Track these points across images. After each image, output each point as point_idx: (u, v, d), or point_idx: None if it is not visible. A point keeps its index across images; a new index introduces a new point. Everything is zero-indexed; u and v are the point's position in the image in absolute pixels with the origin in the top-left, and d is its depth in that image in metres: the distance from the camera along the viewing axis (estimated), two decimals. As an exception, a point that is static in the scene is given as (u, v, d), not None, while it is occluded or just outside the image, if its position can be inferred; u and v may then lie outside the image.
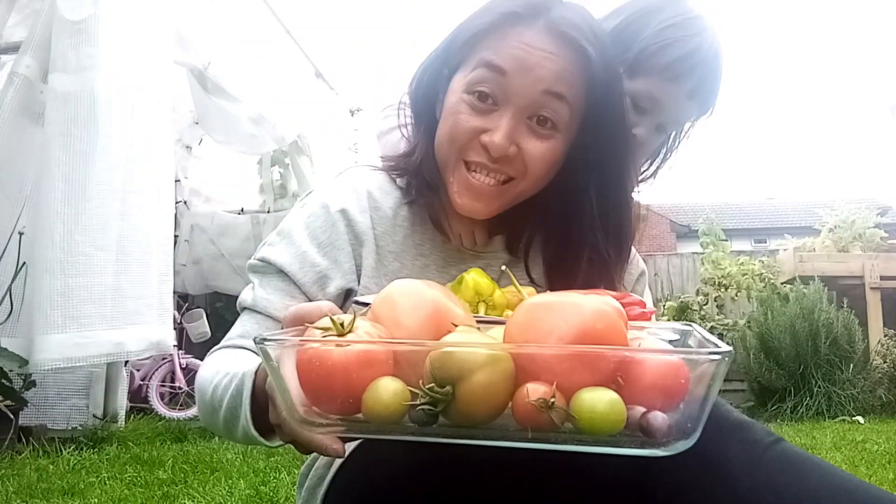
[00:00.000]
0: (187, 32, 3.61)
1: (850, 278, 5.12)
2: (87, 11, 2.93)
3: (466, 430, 0.60)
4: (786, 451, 0.72)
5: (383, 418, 0.58)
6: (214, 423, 0.86)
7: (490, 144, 0.88)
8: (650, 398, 0.57)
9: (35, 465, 2.65)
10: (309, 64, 5.28)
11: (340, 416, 0.62)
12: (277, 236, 0.99)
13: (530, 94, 0.88)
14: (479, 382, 0.57)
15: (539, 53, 0.88)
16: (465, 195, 0.92)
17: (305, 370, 0.60)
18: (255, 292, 0.99)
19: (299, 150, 4.50)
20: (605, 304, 0.63)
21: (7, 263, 2.91)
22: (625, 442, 0.57)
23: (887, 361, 4.77)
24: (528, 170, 0.91)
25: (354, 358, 0.59)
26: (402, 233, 0.99)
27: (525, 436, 0.58)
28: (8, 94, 2.91)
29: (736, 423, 0.75)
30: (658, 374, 0.57)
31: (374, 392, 0.59)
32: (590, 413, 0.55)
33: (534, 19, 0.89)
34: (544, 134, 0.90)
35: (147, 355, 3.81)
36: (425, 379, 0.59)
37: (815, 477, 0.69)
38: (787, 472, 0.69)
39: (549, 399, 0.55)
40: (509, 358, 0.58)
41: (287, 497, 2.17)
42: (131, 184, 3.03)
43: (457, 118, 0.91)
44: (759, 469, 0.70)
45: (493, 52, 0.89)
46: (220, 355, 0.94)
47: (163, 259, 3.23)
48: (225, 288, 5.23)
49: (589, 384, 0.57)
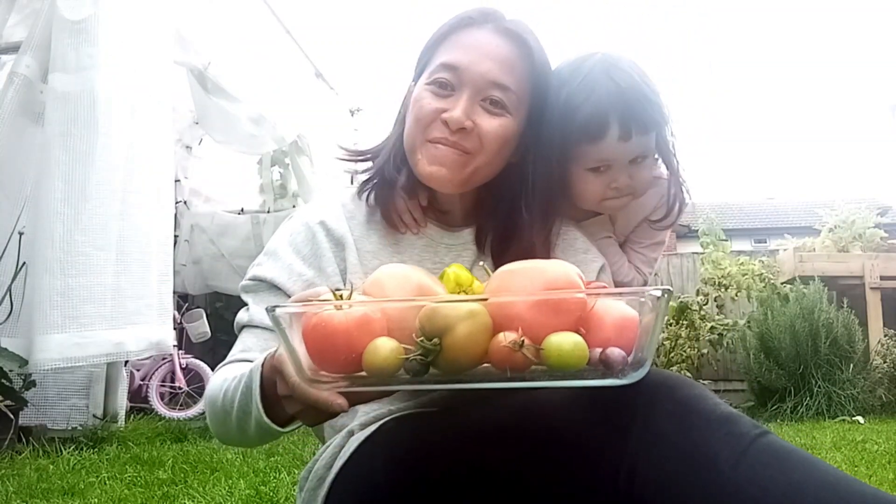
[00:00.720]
0: (187, 32, 3.61)
1: (850, 278, 5.12)
2: (87, 11, 2.93)
3: (453, 376, 0.69)
4: (771, 444, 0.72)
5: (382, 371, 0.67)
6: (227, 428, 0.92)
7: (449, 119, 1.01)
8: (607, 344, 0.67)
9: (35, 465, 2.65)
10: (309, 64, 5.28)
11: (343, 374, 0.71)
12: (264, 256, 1.11)
13: (481, 81, 1.02)
14: (461, 333, 0.66)
15: (487, 47, 1.03)
16: (432, 163, 1.04)
17: (312, 335, 0.69)
18: (250, 311, 1.08)
19: (299, 150, 4.50)
20: (565, 267, 0.76)
21: (7, 263, 2.91)
22: (588, 375, 0.67)
23: (887, 361, 4.77)
24: (483, 143, 1.03)
25: (354, 322, 0.68)
26: (376, 234, 1.10)
27: (504, 376, 0.67)
28: (8, 94, 2.92)
29: (722, 417, 0.75)
30: (614, 324, 0.69)
31: (372, 349, 0.68)
32: (557, 351, 0.65)
33: (484, 22, 1.05)
34: (496, 112, 1.03)
35: (147, 355, 3.81)
36: (416, 334, 0.68)
37: (799, 470, 0.69)
38: (772, 465, 0.70)
39: (519, 340, 0.65)
40: (486, 312, 0.68)
41: (287, 497, 2.17)
42: (131, 184, 3.03)
43: (420, 104, 1.04)
44: (743, 463, 0.70)
45: (449, 54, 1.04)
46: (226, 369, 1.00)
47: (163, 259, 3.23)
48: (225, 288, 5.24)
49: (555, 329, 0.67)
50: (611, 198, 1.16)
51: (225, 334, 5.46)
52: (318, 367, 0.71)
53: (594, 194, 1.16)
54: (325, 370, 0.71)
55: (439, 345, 0.66)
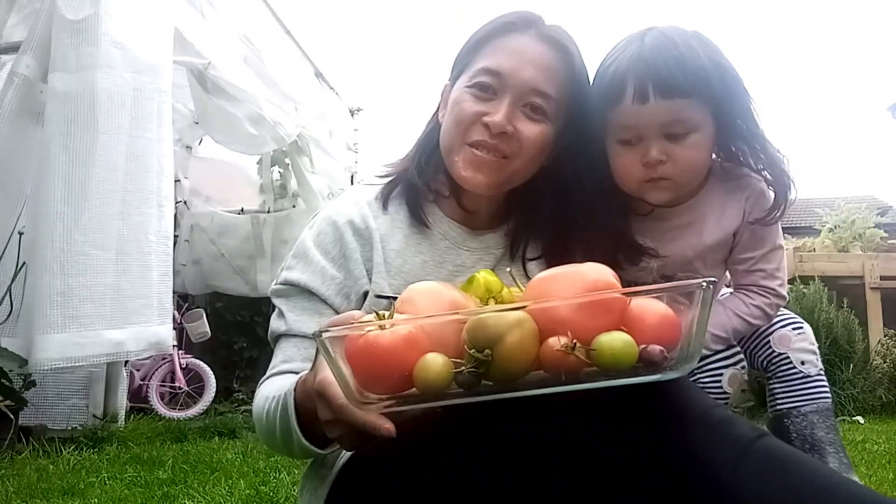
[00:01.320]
0: (187, 32, 3.61)
1: (850, 278, 5.12)
2: (87, 11, 2.93)
3: (508, 385, 0.69)
4: (770, 447, 0.72)
5: (435, 387, 0.67)
6: (275, 444, 0.94)
7: (491, 123, 1.02)
8: (650, 342, 0.68)
9: (35, 465, 2.65)
10: (309, 64, 5.28)
11: (389, 394, 0.70)
12: (294, 259, 1.09)
13: (524, 88, 1.03)
14: (512, 342, 0.66)
15: (530, 54, 1.04)
16: (468, 168, 1.04)
17: (359, 356, 0.69)
18: (285, 318, 1.05)
19: (299, 150, 4.50)
20: (601, 269, 0.76)
21: (7, 263, 2.91)
22: (639, 372, 0.67)
23: (887, 361, 4.76)
24: (522, 148, 1.04)
25: (402, 340, 0.69)
26: (400, 233, 1.10)
27: (559, 380, 0.67)
28: (8, 94, 2.91)
29: (721, 419, 0.75)
30: (653, 323, 0.70)
31: (423, 366, 0.67)
32: (610, 350, 0.66)
33: (526, 28, 1.06)
34: (536, 118, 1.04)
35: (147, 355, 3.81)
36: (466, 346, 0.68)
37: (796, 474, 0.69)
38: (769, 468, 0.70)
39: (571, 342, 0.66)
40: (532, 319, 0.68)
41: (287, 497, 2.17)
42: (131, 184, 3.03)
43: (461, 106, 1.05)
44: (741, 466, 0.70)
45: (491, 58, 1.04)
46: (268, 384, 1.01)
47: (163, 259, 3.23)
48: (225, 288, 5.23)
49: (601, 330, 0.67)
50: (650, 179, 1.08)
51: (225, 334, 5.47)
52: (365, 389, 0.70)
53: (628, 171, 1.09)
54: (373, 391, 0.70)
55: (490, 355, 0.66)
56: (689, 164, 1.08)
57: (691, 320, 0.68)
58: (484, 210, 1.14)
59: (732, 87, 1.07)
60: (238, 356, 5.47)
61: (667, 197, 1.11)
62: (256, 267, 5.08)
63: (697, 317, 0.67)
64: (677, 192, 1.12)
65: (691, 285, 0.68)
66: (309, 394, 0.80)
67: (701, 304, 0.67)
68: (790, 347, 1.25)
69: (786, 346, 1.25)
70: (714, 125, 1.08)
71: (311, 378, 0.80)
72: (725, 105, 1.07)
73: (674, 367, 0.68)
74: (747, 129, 1.10)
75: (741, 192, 1.16)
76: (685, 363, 0.69)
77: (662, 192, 1.10)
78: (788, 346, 1.25)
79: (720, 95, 1.06)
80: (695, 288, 0.67)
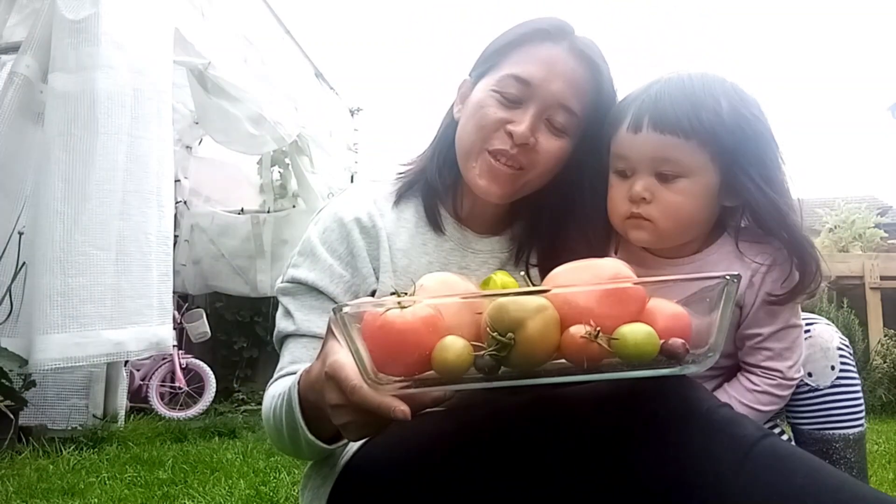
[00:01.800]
0: (187, 32, 3.61)
1: (850, 278, 5.12)
2: (87, 11, 2.93)
3: (527, 372, 0.68)
4: (774, 447, 0.72)
5: (454, 370, 0.66)
6: (284, 445, 0.93)
7: (515, 132, 1.00)
8: (663, 335, 0.67)
9: (35, 465, 2.65)
10: (309, 64, 5.28)
11: (405, 376, 0.69)
12: (300, 257, 1.06)
13: (550, 102, 1.02)
14: (534, 328, 0.65)
15: (561, 67, 1.02)
16: (484, 177, 1.03)
17: (377, 335, 0.68)
18: (293, 318, 1.03)
19: (299, 150, 4.50)
20: (618, 263, 0.78)
21: (7, 263, 2.91)
22: (660, 365, 0.67)
23: (887, 361, 4.76)
24: (540, 161, 1.03)
25: (421, 321, 0.67)
26: (406, 233, 1.08)
27: (580, 369, 0.67)
28: (8, 94, 2.91)
29: (725, 419, 0.75)
30: (667, 318, 0.69)
31: (442, 348, 0.66)
32: (633, 341, 0.65)
33: (560, 38, 1.03)
34: (557, 133, 1.03)
35: (147, 355, 3.81)
36: (483, 331, 0.67)
37: (801, 474, 0.69)
38: (774, 469, 0.70)
39: (595, 329, 0.65)
40: (553, 307, 0.67)
41: (287, 497, 2.17)
42: (131, 184, 3.03)
43: (485, 111, 1.03)
44: (746, 466, 0.70)
45: (521, 66, 1.02)
46: (276, 385, 0.99)
47: (163, 259, 3.23)
48: (225, 288, 5.23)
49: (622, 321, 0.67)
50: (631, 216, 1.02)
51: (225, 334, 5.47)
52: (381, 370, 0.69)
53: (616, 204, 1.04)
54: (389, 372, 0.69)
55: (514, 339, 0.65)
56: (672, 210, 1.00)
57: (714, 315, 0.68)
58: (490, 213, 1.13)
59: (750, 139, 0.98)
60: (238, 356, 5.47)
61: (645, 238, 1.03)
62: (256, 267, 5.08)
63: (720, 312, 0.67)
64: (658, 237, 1.03)
65: (715, 278, 0.67)
66: (313, 384, 0.79)
67: (724, 299, 0.67)
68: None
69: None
70: (719, 177, 1.00)
71: (316, 367, 0.78)
72: (737, 158, 0.98)
73: (695, 361, 0.68)
74: (763, 192, 0.99)
75: (756, 260, 1.04)
76: (706, 358, 0.69)
77: (641, 233, 1.03)
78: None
79: (730, 146, 0.97)
80: (719, 281, 0.67)
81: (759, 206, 1.00)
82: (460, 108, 1.10)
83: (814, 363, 1.12)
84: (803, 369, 1.10)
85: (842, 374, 1.12)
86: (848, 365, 1.13)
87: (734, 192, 1.01)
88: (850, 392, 1.12)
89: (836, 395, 1.12)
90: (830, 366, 1.12)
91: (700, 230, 1.06)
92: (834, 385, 1.12)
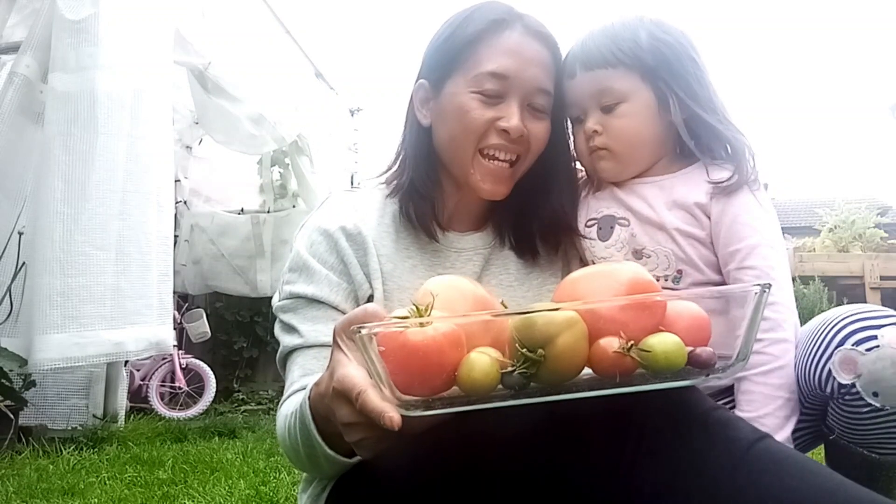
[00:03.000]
0: (187, 32, 3.61)
1: (850, 278, 5.12)
2: (87, 11, 2.93)
3: (558, 387, 0.66)
4: (769, 449, 0.72)
5: (483, 388, 0.64)
6: (303, 465, 0.90)
7: (509, 128, 1.02)
8: (689, 341, 0.67)
9: (35, 465, 2.65)
10: (309, 64, 5.28)
11: (431, 396, 0.66)
12: (293, 273, 1.04)
13: (529, 89, 1.04)
14: (565, 343, 0.64)
15: (529, 53, 1.04)
16: (487, 181, 1.05)
17: (399, 356, 0.64)
18: (299, 331, 1.00)
19: (299, 150, 4.50)
20: (635, 267, 0.76)
21: (7, 263, 2.91)
22: (690, 375, 0.67)
23: (887, 361, 4.76)
24: (532, 147, 1.06)
25: (445, 338, 0.64)
26: (389, 238, 1.08)
27: (612, 382, 0.65)
28: (8, 94, 2.91)
29: (720, 421, 0.75)
30: (687, 325, 0.69)
31: (469, 366, 0.64)
32: (664, 352, 0.65)
33: (515, 23, 1.05)
34: (540, 116, 1.07)
35: (147, 355, 3.81)
36: (510, 348, 0.65)
37: (796, 477, 0.69)
38: (768, 471, 0.69)
39: (627, 343, 0.64)
40: (582, 320, 0.66)
41: (287, 497, 2.17)
42: (131, 184, 3.03)
43: (471, 114, 1.03)
44: (741, 469, 0.70)
45: (492, 60, 1.03)
46: (289, 402, 0.96)
47: (163, 259, 3.23)
48: (225, 288, 5.23)
49: (648, 331, 0.66)
50: (592, 151, 1.11)
51: (225, 334, 5.47)
52: (405, 391, 0.66)
53: (579, 146, 1.14)
54: (414, 393, 0.66)
55: (544, 355, 0.64)
56: (622, 134, 1.09)
57: (742, 324, 0.67)
58: (476, 210, 1.14)
59: (671, 59, 1.07)
60: (238, 356, 5.47)
61: (610, 167, 1.12)
62: (256, 267, 5.08)
63: (748, 321, 0.67)
64: (619, 162, 1.11)
65: (744, 289, 0.67)
66: (323, 397, 0.75)
67: (753, 308, 0.66)
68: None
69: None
70: (654, 97, 1.09)
71: (325, 379, 0.76)
72: (662, 75, 1.07)
73: (724, 369, 0.68)
74: (695, 101, 1.07)
75: (715, 177, 1.08)
76: (734, 367, 0.68)
77: (605, 163, 1.11)
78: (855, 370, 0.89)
79: (653, 65, 1.07)
80: (748, 291, 0.67)
81: (690, 120, 1.09)
82: (426, 113, 1.09)
83: (882, 381, 0.88)
84: (867, 388, 0.88)
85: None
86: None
87: (667, 108, 1.09)
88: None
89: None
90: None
91: (656, 148, 1.13)
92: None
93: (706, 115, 1.08)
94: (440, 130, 1.08)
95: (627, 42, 1.07)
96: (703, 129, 1.10)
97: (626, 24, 1.10)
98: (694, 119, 1.09)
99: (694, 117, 1.08)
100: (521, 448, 0.79)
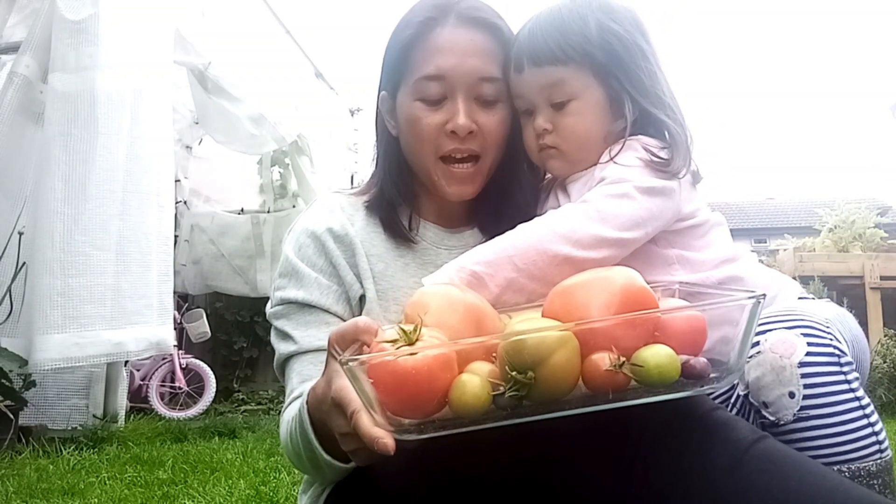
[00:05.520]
0: (187, 32, 3.61)
1: (850, 278, 5.12)
2: (87, 11, 2.93)
3: (551, 406, 0.65)
4: (769, 449, 0.72)
5: (476, 410, 0.64)
6: (307, 470, 0.90)
7: (457, 128, 1.00)
8: (684, 347, 0.67)
9: (35, 465, 2.65)
10: (309, 64, 5.29)
11: (423, 420, 0.66)
12: (283, 278, 1.04)
13: (470, 81, 1.00)
14: (557, 363, 0.63)
15: (463, 44, 1.00)
16: (452, 184, 1.04)
17: (388, 382, 0.64)
18: (293, 337, 1.00)
19: (299, 150, 4.50)
20: (628, 272, 0.74)
21: (7, 263, 2.91)
22: (685, 386, 0.66)
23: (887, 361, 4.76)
24: (488, 141, 1.03)
25: (435, 361, 0.64)
26: (378, 238, 1.07)
27: (605, 398, 0.65)
28: (8, 94, 2.91)
29: (719, 422, 0.75)
30: (685, 325, 0.68)
31: (460, 388, 0.64)
32: (657, 366, 0.64)
33: (446, 17, 1.01)
34: (492, 105, 1.03)
35: (147, 355, 3.81)
36: (501, 368, 0.64)
37: (795, 477, 0.69)
38: (768, 472, 0.70)
39: (620, 360, 0.64)
40: (574, 337, 0.65)
41: (287, 497, 2.17)
42: (131, 184, 3.03)
43: (419, 123, 1.01)
44: (740, 469, 0.70)
45: (426, 63, 1.00)
46: (289, 410, 0.95)
47: (163, 259, 3.23)
48: (225, 288, 5.23)
49: (641, 341, 0.65)
50: (542, 149, 1.07)
51: (225, 334, 5.47)
52: (397, 415, 0.66)
53: (528, 142, 1.09)
54: (404, 416, 0.66)
55: (534, 377, 0.63)
56: (572, 132, 1.04)
57: (737, 333, 0.67)
58: (463, 206, 1.12)
59: (622, 54, 1.03)
60: (238, 356, 5.47)
61: (559, 165, 1.08)
62: (256, 267, 5.08)
63: (743, 330, 0.66)
64: (568, 161, 1.07)
65: (740, 299, 0.66)
66: (320, 404, 0.76)
67: (748, 318, 0.66)
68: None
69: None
70: (605, 94, 1.04)
71: (321, 385, 0.75)
72: (612, 71, 1.03)
73: (718, 379, 0.67)
74: (645, 98, 1.03)
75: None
76: (728, 376, 0.68)
77: (554, 162, 1.08)
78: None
79: (604, 62, 1.02)
80: (743, 302, 0.66)
81: (640, 117, 1.03)
82: (393, 124, 1.08)
83: (766, 389, 0.83)
84: (755, 398, 0.85)
85: (825, 395, 0.81)
86: (836, 379, 0.82)
87: (619, 107, 1.04)
88: (840, 418, 0.81)
89: (821, 426, 0.81)
90: (788, 392, 0.82)
91: (604, 145, 1.06)
92: (801, 418, 0.81)
93: (655, 111, 1.04)
94: (402, 140, 1.07)
95: (577, 36, 1.02)
96: (650, 124, 1.04)
97: (574, 13, 1.04)
98: (643, 115, 1.04)
99: (643, 113, 1.04)
100: (522, 450, 0.79)
